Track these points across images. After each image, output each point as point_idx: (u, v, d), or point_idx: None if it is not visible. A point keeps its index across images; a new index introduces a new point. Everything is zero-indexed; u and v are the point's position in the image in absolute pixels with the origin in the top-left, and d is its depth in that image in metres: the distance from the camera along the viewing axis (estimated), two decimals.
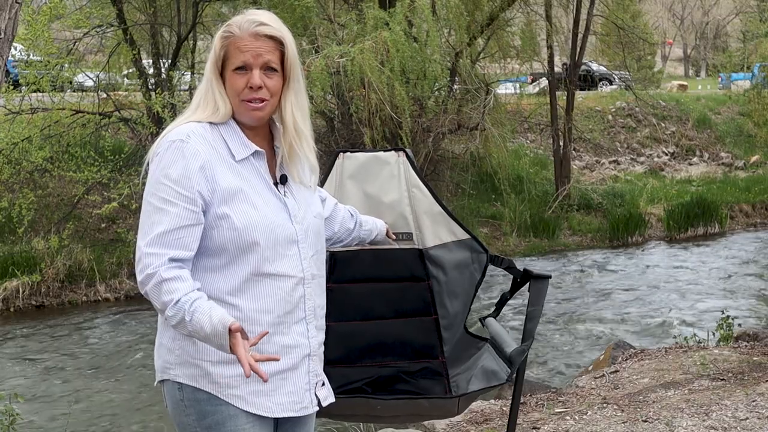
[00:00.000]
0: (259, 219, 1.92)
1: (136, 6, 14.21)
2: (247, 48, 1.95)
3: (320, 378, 2.06)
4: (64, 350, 9.91)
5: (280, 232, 1.96)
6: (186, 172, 1.88)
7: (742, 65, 26.33)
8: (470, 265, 2.67)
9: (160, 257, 1.83)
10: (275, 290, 1.95)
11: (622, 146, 22.38)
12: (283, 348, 1.96)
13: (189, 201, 1.88)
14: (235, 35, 1.97)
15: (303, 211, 2.04)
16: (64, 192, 13.68)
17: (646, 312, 11.07)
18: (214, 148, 1.94)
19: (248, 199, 1.93)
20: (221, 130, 1.98)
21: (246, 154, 1.98)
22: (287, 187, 2.05)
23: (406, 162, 2.64)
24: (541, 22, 17.22)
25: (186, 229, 1.87)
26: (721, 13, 45.81)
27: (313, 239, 2.05)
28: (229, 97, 1.98)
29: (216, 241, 1.92)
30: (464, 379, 2.71)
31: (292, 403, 1.99)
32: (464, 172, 16.43)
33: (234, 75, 1.97)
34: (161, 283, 1.82)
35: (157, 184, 1.89)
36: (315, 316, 2.04)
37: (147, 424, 7.49)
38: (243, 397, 1.93)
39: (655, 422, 4.37)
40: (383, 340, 2.74)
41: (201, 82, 2.05)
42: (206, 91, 2.00)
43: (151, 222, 1.87)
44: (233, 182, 1.93)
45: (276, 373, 1.95)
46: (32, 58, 13.10)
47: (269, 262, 1.93)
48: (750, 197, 18.59)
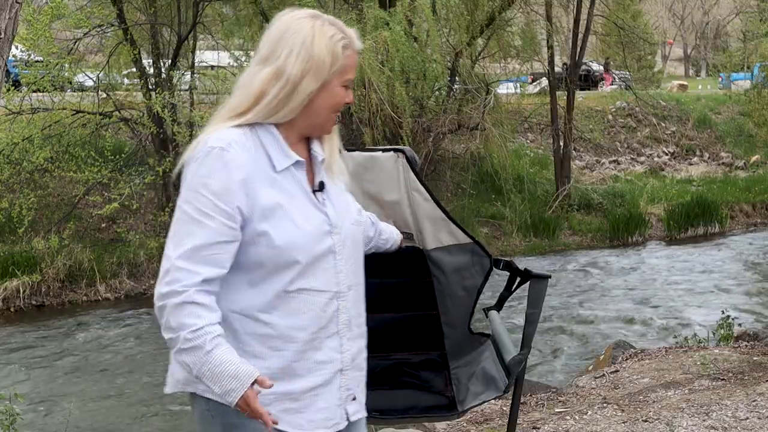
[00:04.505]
0: (299, 236, 1.84)
1: (136, 6, 14.21)
2: (355, 64, 1.91)
3: (351, 392, 1.99)
4: (64, 350, 9.91)
5: (319, 247, 1.88)
6: (227, 185, 1.77)
7: (742, 65, 26.31)
8: (470, 268, 2.65)
9: (192, 276, 1.74)
10: (309, 306, 1.87)
11: (622, 146, 22.38)
12: (316, 364, 1.89)
13: (228, 216, 1.78)
14: (354, 49, 1.90)
15: (342, 220, 1.96)
16: (65, 192, 13.68)
17: (646, 312, 11.07)
18: (254, 158, 1.83)
19: (288, 215, 1.84)
20: (261, 136, 1.86)
21: (287, 164, 1.88)
22: (326, 194, 1.96)
23: (405, 164, 2.61)
24: (541, 22, 17.22)
25: (222, 246, 1.78)
26: (721, 13, 45.79)
27: (352, 248, 1.98)
28: (314, 107, 1.88)
29: (252, 258, 1.83)
30: (465, 374, 2.70)
31: (325, 419, 1.93)
32: (464, 172, 16.43)
33: (340, 89, 1.89)
34: (188, 305, 1.73)
35: (194, 193, 1.78)
36: (349, 327, 1.96)
37: (147, 423, 7.50)
38: (276, 416, 1.85)
39: (655, 422, 4.37)
40: (384, 332, 2.73)
41: (263, 75, 1.85)
42: (295, 91, 1.84)
43: (185, 232, 1.78)
44: (273, 197, 1.83)
45: (308, 390, 1.90)
46: (33, 58, 13.11)
47: (304, 278, 1.85)
48: (750, 197, 18.58)
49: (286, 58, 1.83)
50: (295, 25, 1.86)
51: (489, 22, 15.46)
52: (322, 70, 1.84)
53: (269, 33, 1.89)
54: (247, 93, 1.86)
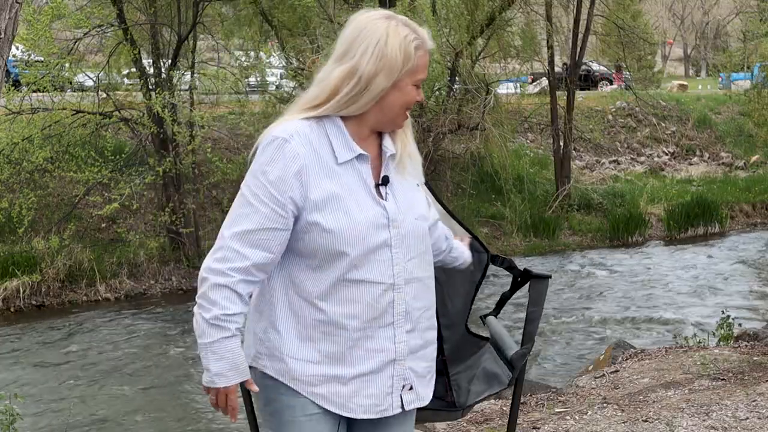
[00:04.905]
0: (350, 227, 1.91)
1: (136, 6, 14.20)
2: (426, 64, 1.98)
3: (408, 382, 2.05)
4: (64, 350, 9.92)
5: (373, 240, 1.94)
6: (283, 175, 1.88)
7: (742, 65, 26.30)
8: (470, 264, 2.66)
9: (242, 259, 1.88)
10: (363, 295, 1.94)
11: (622, 146, 22.38)
12: (369, 352, 1.97)
13: (280, 205, 1.89)
14: (424, 49, 1.96)
15: (403, 215, 2.01)
16: (65, 192, 13.69)
17: (646, 312, 11.07)
18: (316, 150, 1.92)
19: (342, 206, 1.92)
20: (327, 128, 1.95)
21: (349, 157, 1.96)
22: (390, 188, 2.02)
23: None
24: (541, 22, 17.23)
25: (271, 232, 1.89)
26: (721, 13, 45.79)
27: (413, 242, 2.02)
28: (385, 104, 1.95)
29: (308, 245, 1.93)
30: (465, 378, 2.70)
31: (372, 405, 2.00)
32: (464, 172, 16.43)
33: (411, 87, 1.97)
34: (229, 290, 1.88)
35: (254, 178, 1.91)
36: (408, 319, 2.01)
37: (146, 423, 7.50)
38: (324, 396, 1.97)
39: (655, 422, 4.37)
40: None
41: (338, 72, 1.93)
42: (368, 88, 1.92)
43: (241, 214, 1.90)
44: (329, 188, 1.91)
45: (359, 375, 1.97)
46: (33, 58, 13.10)
47: (357, 269, 1.93)
48: (750, 197, 18.59)
49: (360, 57, 1.91)
50: (371, 25, 1.94)
51: (489, 22, 15.46)
52: (395, 69, 1.92)
53: (345, 32, 1.98)
54: (323, 88, 1.95)
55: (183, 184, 13.69)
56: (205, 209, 14.25)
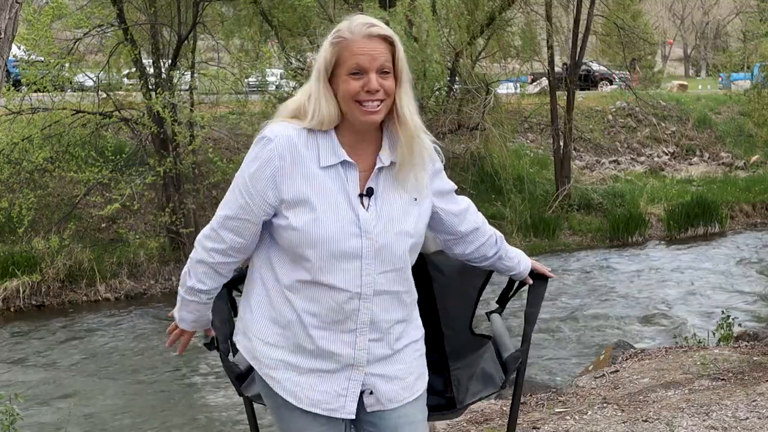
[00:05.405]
0: (314, 229, 1.97)
1: (136, 6, 14.20)
2: (362, 51, 1.96)
3: (367, 387, 2.08)
4: (64, 350, 9.92)
5: (340, 246, 1.97)
6: (258, 174, 1.98)
7: (742, 65, 26.31)
8: (471, 270, 2.65)
9: (220, 242, 2.06)
10: (326, 299, 2.00)
11: (622, 146, 22.38)
12: (326, 352, 2.03)
13: (252, 199, 2.00)
14: (347, 39, 1.97)
15: (383, 227, 2.01)
16: (65, 192, 13.69)
17: (646, 312, 11.08)
18: (300, 152, 1.98)
19: (312, 210, 1.97)
20: (318, 135, 2.01)
21: (333, 162, 1.99)
22: (374, 200, 2.03)
23: None
24: (541, 22, 17.23)
25: (243, 222, 2.02)
26: (721, 13, 45.81)
27: (388, 256, 2.02)
28: (339, 101, 1.99)
29: (283, 240, 2.03)
30: (465, 375, 2.70)
31: (322, 402, 2.05)
32: (464, 172, 16.43)
33: (348, 79, 1.97)
34: (207, 266, 2.09)
35: (240, 171, 2.04)
36: (374, 329, 2.04)
37: (146, 423, 7.50)
38: (278, 380, 2.05)
39: (655, 422, 4.37)
40: None
41: (300, 90, 2.07)
42: (313, 98, 2.00)
43: (227, 198, 2.06)
44: (303, 189, 1.98)
45: (315, 370, 2.04)
46: (33, 57, 13.10)
47: (324, 273, 1.98)
48: (750, 197, 18.59)
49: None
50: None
51: (489, 22, 15.47)
52: (324, 69, 2.00)
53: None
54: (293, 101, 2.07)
55: (183, 184, 13.69)
56: (205, 209, 14.24)
